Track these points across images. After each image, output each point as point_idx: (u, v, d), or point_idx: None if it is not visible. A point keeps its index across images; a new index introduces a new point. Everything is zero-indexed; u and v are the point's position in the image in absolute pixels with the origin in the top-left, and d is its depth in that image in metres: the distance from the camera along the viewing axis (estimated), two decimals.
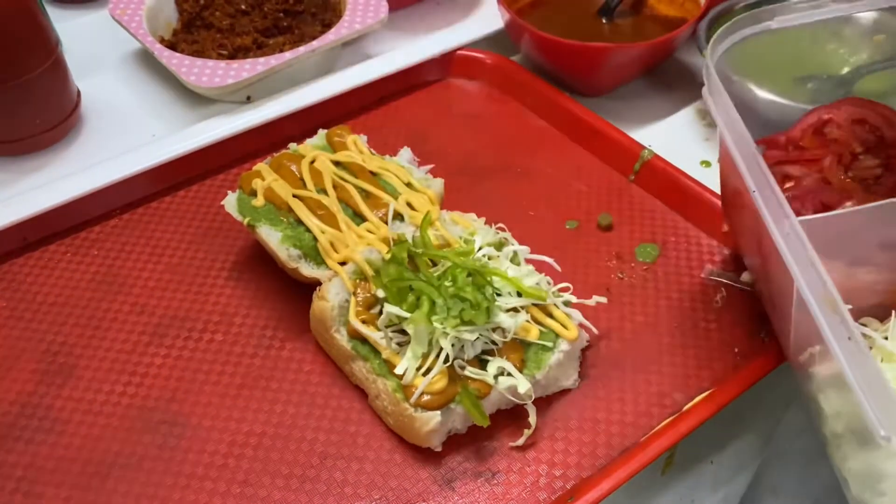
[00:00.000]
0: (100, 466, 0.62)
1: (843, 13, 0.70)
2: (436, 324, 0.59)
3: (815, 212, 0.64)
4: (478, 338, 0.60)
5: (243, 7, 1.00)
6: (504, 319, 0.61)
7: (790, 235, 0.52)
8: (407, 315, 0.60)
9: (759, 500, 1.02)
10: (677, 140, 0.90)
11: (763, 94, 0.83)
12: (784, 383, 0.68)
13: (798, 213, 0.59)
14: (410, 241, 0.66)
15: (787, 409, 0.85)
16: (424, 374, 0.59)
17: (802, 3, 0.67)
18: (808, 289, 0.50)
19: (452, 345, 0.59)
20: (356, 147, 0.77)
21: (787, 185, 0.69)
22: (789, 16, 0.68)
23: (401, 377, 0.60)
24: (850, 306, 0.49)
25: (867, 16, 0.94)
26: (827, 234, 0.53)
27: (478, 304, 0.59)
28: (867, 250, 0.58)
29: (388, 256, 0.64)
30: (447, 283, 0.61)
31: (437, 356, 0.59)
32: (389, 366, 0.61)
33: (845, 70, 0.92)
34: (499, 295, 0.63)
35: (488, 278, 0.62)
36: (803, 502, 1.19)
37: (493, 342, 0.61)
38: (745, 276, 0.73)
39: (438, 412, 0.59)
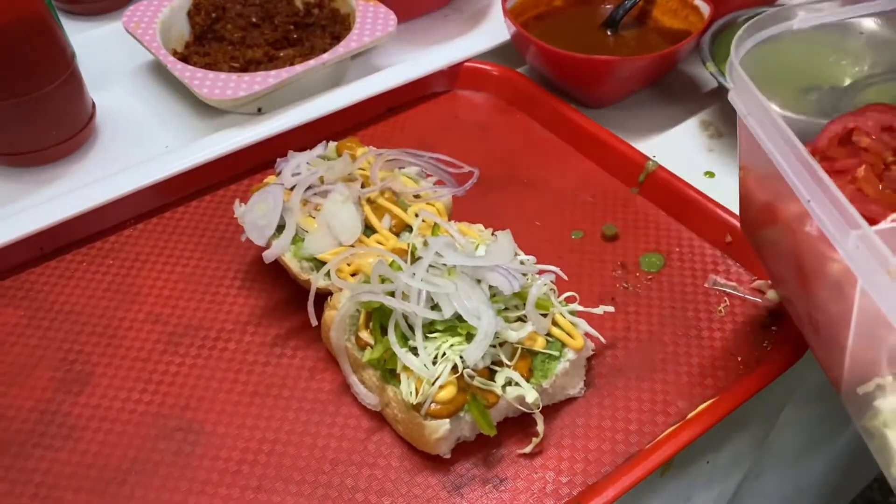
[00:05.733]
0: (116, 473, 0.64)
1: (864, 13, 0.65)
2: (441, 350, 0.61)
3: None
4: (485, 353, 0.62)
5: (254, 20, 1.02)
6: (510, 334, 0.62)
7: (860, 250, 0.46)
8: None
9: (747, 491, 1.03)
10: (681, 151, 0.92)
11: None
12: (780, 386, 0.69)
13: None
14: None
15: (782, 410, 0.86)
16: (432, 384, 0.61)
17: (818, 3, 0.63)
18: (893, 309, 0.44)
19: (461, 356, 0.61)
20: (366, 159, 0.79)
21: None
22: (811, 14, 0.63)
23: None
24: None
25: (869, 27, 0.95)
26: None
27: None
28: None
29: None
30: None
31: (446, 366, 0.61)
32: (398, 376, 0.63)
33: (847, 81, 0.93)
34: (505, 309, 0.64)
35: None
36: (788, 491, 1.20)
37: (500, 356, 0.63)
38: (772, 294, 0.70)
39: (447, 420, 0.60)
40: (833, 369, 0.56)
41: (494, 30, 1.03)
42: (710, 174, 0.89)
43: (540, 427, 0.63)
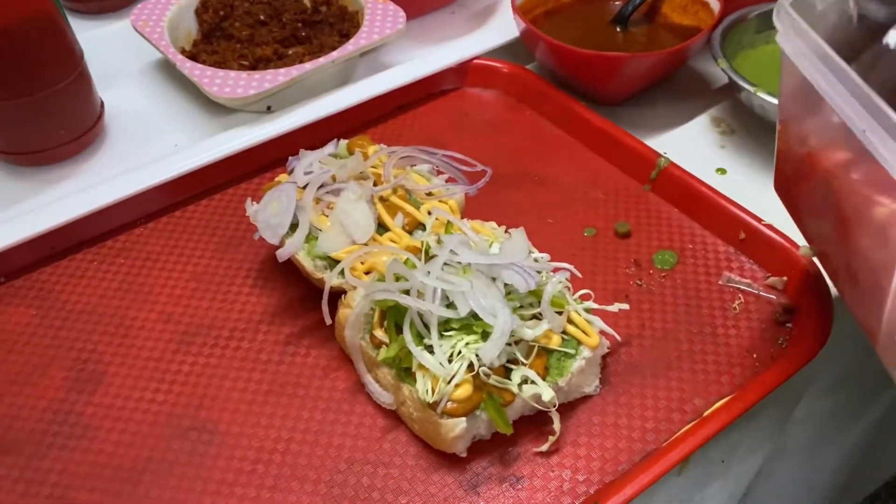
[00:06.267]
0: (131, 472, 0.63)
1: None
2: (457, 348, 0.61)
3: None
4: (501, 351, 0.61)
5: (262, 18, 1.02)
6: (525, 332, 0.62)
7: None
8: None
9: (759, 490, 1.03)
10: (692, 148, 0.91)
11: (776, 101, 0.83)
12: (794, 383, 0.69)
13: None
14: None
15: (796, 405, 0.86)
16: (448, 383, 0.60)
17: None
18: None
19: (476, 355, 0.60)
20: (378, 158, 0.78)
21: None
22: None
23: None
24: None
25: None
26: None
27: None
28: None
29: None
30: None
31: (462, 364, 0.61)
32: (414, 374, 0.62)
33: None
34: (520, 307, 0.64)
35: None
36: (798, 490, 1.20)
37: (515, 354, 0.62)
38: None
39: (464, 419, 0.60)
40: (871, 320, 0.55)
41: (503, 26, 1.03)
42: (722, 171, 0.89)
43: (556, 425, 0.63)
